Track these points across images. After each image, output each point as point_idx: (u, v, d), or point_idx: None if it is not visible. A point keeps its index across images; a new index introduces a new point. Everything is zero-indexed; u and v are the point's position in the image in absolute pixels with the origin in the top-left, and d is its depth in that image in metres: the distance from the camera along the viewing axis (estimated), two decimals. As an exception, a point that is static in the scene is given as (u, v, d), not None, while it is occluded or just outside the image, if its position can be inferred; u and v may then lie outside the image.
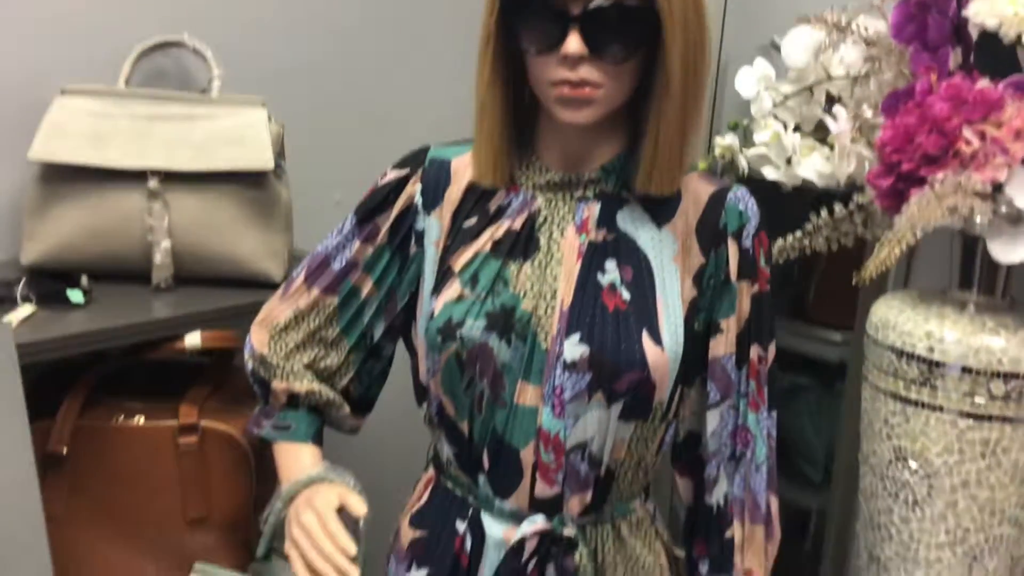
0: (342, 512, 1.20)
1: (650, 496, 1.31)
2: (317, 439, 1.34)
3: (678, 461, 1.29)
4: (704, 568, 1.27)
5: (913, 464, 1.45)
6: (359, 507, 1.19)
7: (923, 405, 1.42)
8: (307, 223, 1.65)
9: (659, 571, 1.27)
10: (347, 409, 1.34)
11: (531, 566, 1.19)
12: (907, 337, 1.43)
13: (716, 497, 1.25)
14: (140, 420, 1.39)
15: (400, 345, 1.35)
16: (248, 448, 1.43)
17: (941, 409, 1.41)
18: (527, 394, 1.17)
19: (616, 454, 1.20)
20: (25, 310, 1.32)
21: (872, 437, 1.51)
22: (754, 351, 1.22)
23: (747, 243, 1.20)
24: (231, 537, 1.44)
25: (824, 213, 1.51)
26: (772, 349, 1.24)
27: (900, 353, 1.43)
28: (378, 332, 1.31)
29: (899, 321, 1.45)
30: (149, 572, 1.42)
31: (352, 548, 1.16)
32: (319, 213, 1.66)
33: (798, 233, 1.55)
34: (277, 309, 1.33)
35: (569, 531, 1.19)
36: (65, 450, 1.35)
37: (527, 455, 1.18)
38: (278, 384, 1.31)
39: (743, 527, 1.24)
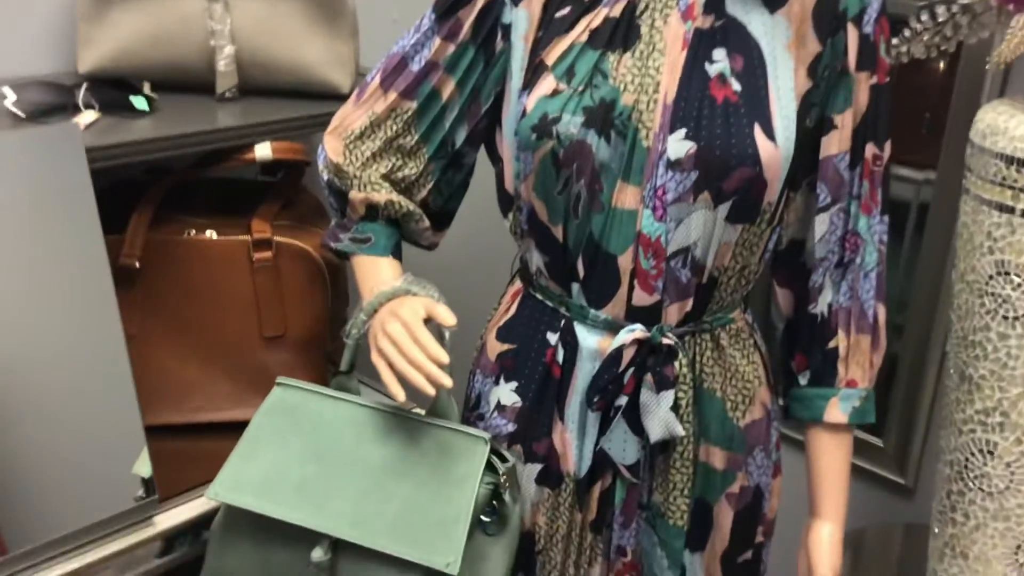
0: (428, 323, 1.14)
1: (748, 307, 1.24)
2: (397, 252, 1.27)
3: (779, 270, 1.22)
4: (804, 380, 1.21)
5: (1016, 278, 1.37)
6: (447, 317, 1.14)
7: (1032, 215, 1.34)
8: (362, 44, 1.55)
9: (757, 382, 1.21)
10: (427, 222, 1.27)
11: (628, 376, 1.14)
12: (1019, 143, 1.33)
13: (820, 307, 1.18)
14: (212, 235, 1.33)
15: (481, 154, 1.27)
16: (323, 264, 1.37)
17: (1051, 219, 1.32)
18: (626, 196, 1.09)
19: (720, 260, 1.12)
20: (89, 116, 1.24)
21: (971, 253, 1.43)
22: (869, 150, 1.13)
23: (868, 28, 1.10)
24: (307, 355, 1.40)
25: (925, 16, 1.40)
26: (888, 148, 1.15)
27: (1010, 160, 1.34)
28: (460, 139, 1.23)
29: (1009, 126, 1.35)
30: (225, 390, 1.39)
31: (445, 356, 1.10)
32: (375, 33, 1.56)
33: (894, 40, 1.44)
34: (351, 116, 1.24)
35: (668, 340, 1.14)
36: (138, 263, 1.30)
37: (625, 261, 1.11)
38: (356, 194, 1.24)
39: (848, 337, 1.18)
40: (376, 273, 1.24)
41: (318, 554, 1.15)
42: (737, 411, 1.19)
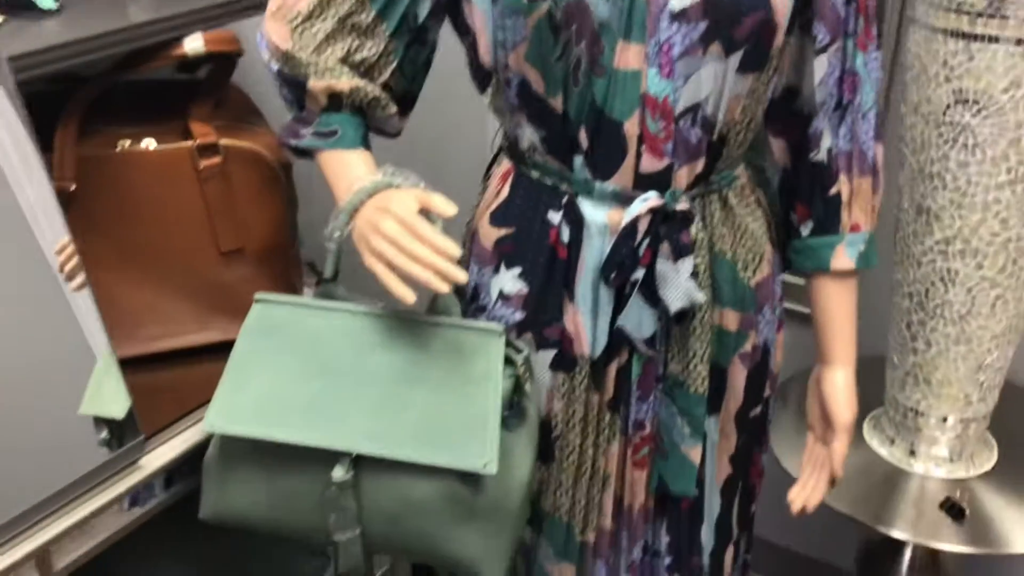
0: (424, 216, 1.06)
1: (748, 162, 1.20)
2: (367, 144, 1.17)
3: (773, 120, 1.17)
4: (806, 230, 1.19)
5: (976, 105, 1.38)
6: (446, 207, 1.05)
7: (990, 39, 1.34)
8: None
9: (764, 238, 1.18)
10: (393, 108, 1.17)
11: (643, 248, 1.09)
12: (975, -33, 1.32)
13: (820, 153, 1.15)
14: (150, 144, 1.19)
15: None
16: (277, 166, 1.25)
17: (1010, 41, 1.32)
18: (629, 56, 1.01)
19: (731, 115, 1.07)
20: (-7, 20, 1.07)
21: (925, 84, 1.42)
22: None
23: None
24: (270, 267, 1.28)
25: None
26: (880, -19, 1.11)
27: (967, -15, 1.33)
28: (423, 12, 1.12)
29: (963, -48, 1.33)
30: (184, 314, 1.27)
31: (456, 248, 1.02)
32: None
33: None
34: (293, -6, 1.11)
35: (683, 205, 1.08)
36: (73, 186, 1.14)
37: (631, 127, 1.05)
38: (316, 83, 1.12)
39: (850, 181, 1.15)
40: (349, 169, 1.13)
41: (339, 473, 1.07)
42: (748, 271, 1.16)
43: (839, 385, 1.21)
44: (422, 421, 1.07)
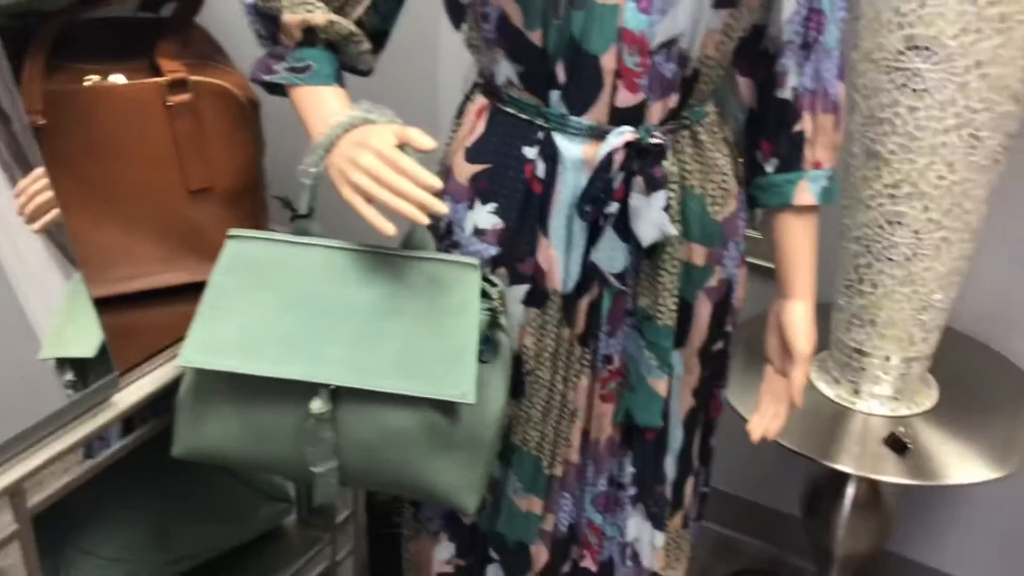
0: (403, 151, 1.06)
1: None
2: (340, 80, 1.16)
3: (740, 58, 1.20)
4: (771, 167, 1.22)
5: (927, 51, 1.42)
6: (425, 141, 1.05)
7: (941, -12, 1.38)
8: None
9: (731, 174, 1.21)
10: (367, 44, 1.17)
11: (618, 182, 1.11)
12: (930, -86, 1.35)
13: (786, 91, 1.18)
14: (119, 80, 1.17)
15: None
16: (247, 104, 1.24)
17: (961, -11, 1.37)
18: None
19: (705, 50, 1.09)
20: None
21: (878, 31, 1.46)
22: None
23: None
24: (240, 207, 1.27)
25: None
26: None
27: (920, -67, 1.37)
28: (398, -53, 1.12)
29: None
30: (153, 254, 1.25)
31: (437, 181, 1.03)
32: None
33: None
34: (266, -74, 1.10)
35: (657, 139, 1.11)
36: (42, 120, 1.12)
37: (607, 61, 1.06)
38: (290, 17, 1.11)
39: (813, 118, 1.19)
40: (323, 104, 1.13)
41: (318, 405, 1.08)
42: (715, 205, 1.18)
43: (799, 317, 1.24)
44: (401, 353, 1.09)
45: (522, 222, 1.15)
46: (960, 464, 1.61)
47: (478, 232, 1.17)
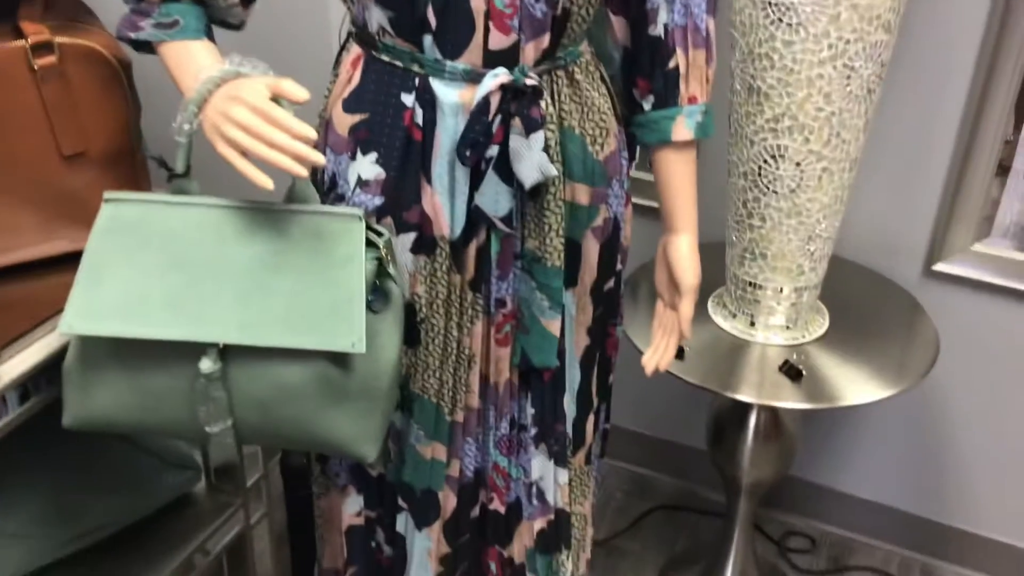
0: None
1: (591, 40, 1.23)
2: (210, 34, 1.14)
3: None
4: (648, 104, 1.23)
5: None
6: (298, 92, 1.04)
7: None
8: None
9: (610, 113, 1.22)
10: None
11: (496, 125, 1.11)
12: None
13: (658, 28, 1.19)
14: (-22, 46, 1.13)
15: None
16: (117, 65, 1.21)
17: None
18: None
19: None
20: None
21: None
22: None
23: None
24: (115, 171, 1.24)
25: None
26: None
27: None
28: None
29: None
30: (30, 223, 1.22)
31: (311, 132, 1.02)
32: None
33: None
34: None
35: (532, 80, 1.11)
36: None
37: (478, 3, 1.05)
38: (153, -29, 1.09)
39: (686, 54, 1.20)
40: (193, 59, 1.11)
41: (207, 365, 1.07)
42: (596, 145, 1.20)
43: (683, 250, 1.27)
44: (288, 307, 1.08)
45: (404, 170, 1.15)
46: (853, 386, 1.66)
47: (361, 183, 1.17)
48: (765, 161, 1.59)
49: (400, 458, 1.31)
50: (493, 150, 1.11)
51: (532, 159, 1.12)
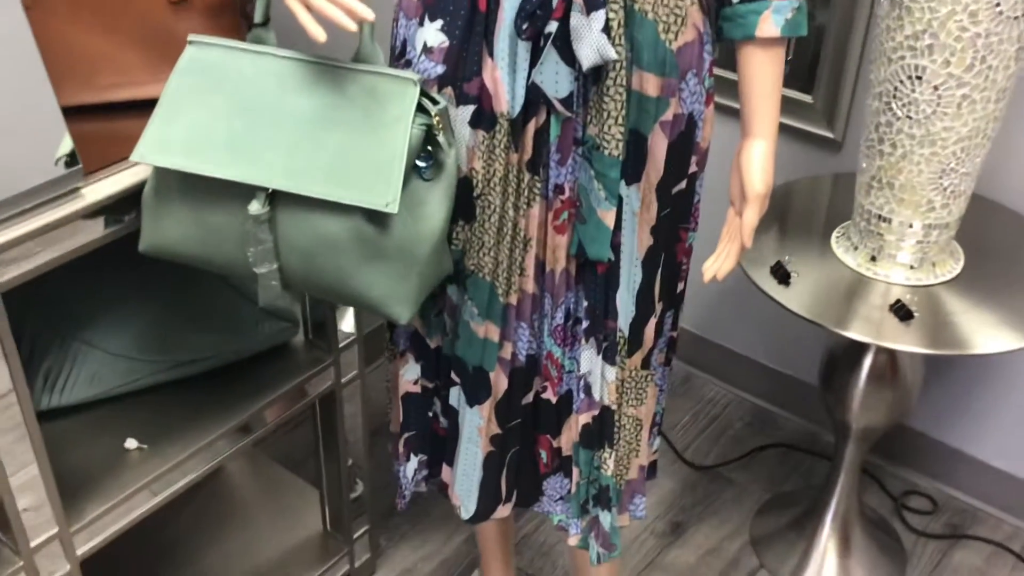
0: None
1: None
2: None
3: None
4: None
5: None
6: None
7: None
8: None
9: (688, 1, 1.15)
10: None
11: (556, 0, 1.09)
12: None
13: (751, -87, 1.13)
14: None
15: None
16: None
17: None
18: None
19: None
20: None
21: None
22: None
23: None
24: (220, 18, 1.31)
25: None
26: None
27: None
28: None
29: None
30: (137, 63, 1.31)
31: (365, -12, 1.04)
32: None
33: None
34: None
35: None
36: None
37: None
38: None
39: None
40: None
41: (255, 207, 1.13)
42: (669, 33, 1.15)
43: (755, 155, 1.21)
44: (335, 161, 1.12)
45: (468, 40, 1.15)
46: (984, 332, 1.55)
47: (427, 50, 1.18)
48: (901, 82, 1.48)
49: (455, 333, 1.34)
50: (552, 26, 1.09)
51: (591, 39, 1.09)
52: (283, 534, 1.94)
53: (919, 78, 1.45)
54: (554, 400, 1.37)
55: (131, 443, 1.47)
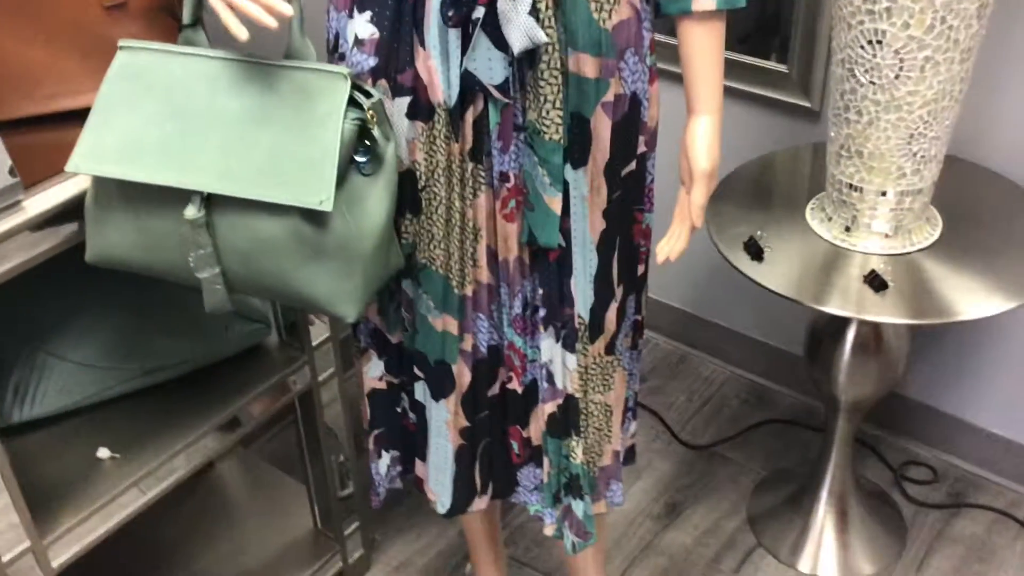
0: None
1: None
2: None
3: None
4: None
5: None
6: None
7: None
8: None
9: None
10: None
11: None
12: None
13: None
14: None
15: None
16: (153, -83, 1.25)
17: None
18: None
19: None
20: None
21: None
22: None
23: None
24: (158, 23, 1.30)
25: None
26: None
27: None
28: None
29: None
30: (77, 72, 1.30)
31: (280, -17, 1.03)
32: None
33: None
34: None
35: None
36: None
37: None
38: None
39: None
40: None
41: (191, 212, 1.12)
42: (603, 12, 1.12)
43: (699, 132, 1.18)
44: (268, 160, 1.10)
45: (398, 31, 1.13)
46: (965, 298, 1.51)
47: (358, 43, 1.16)
48: (862, 47, 1.44)
49: (413, 327, 1.32)
50: (479, 11, 1.07)
51: (519, 22, 1.07)
52: (275, 534, 1.94)
53: (879, 42, 1.42)
54: (520, 390, 1.35)
55: (103, 452, 1.47)
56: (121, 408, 1.54)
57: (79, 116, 1.30)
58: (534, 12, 1.06)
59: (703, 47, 1.16)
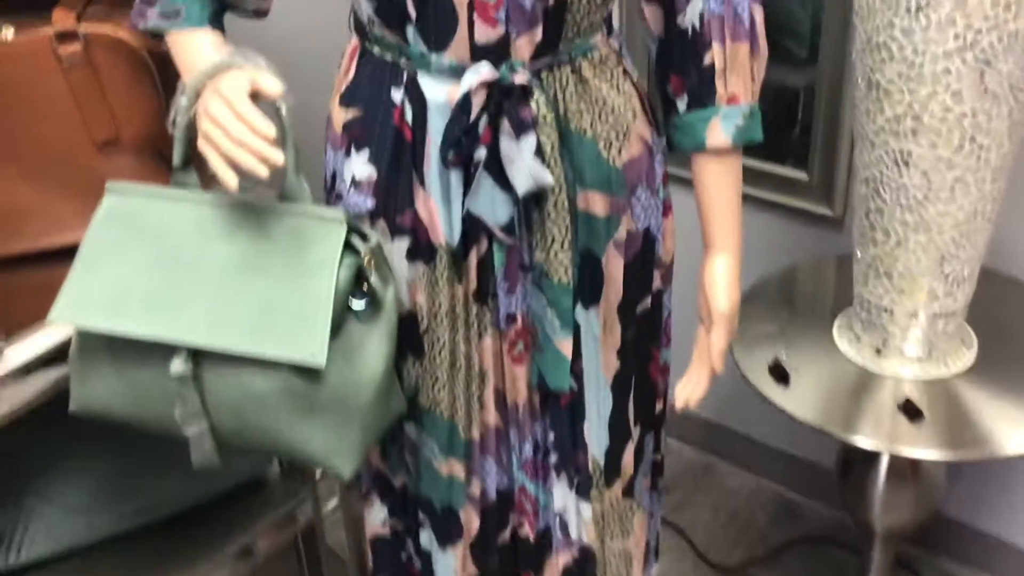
0: (258, 99, 1.01)
1: (614, 31, 1.10)
2: (216, 22, 1.11)
3: None
4: (683, 105, 1.08)
5: (916, -37, 1.23)
6: (273, 86, 0.99)
7: None
8: None
9: (631, 114, 1.08)
10: None
11: (483, 125, 1.01)
12: None
13: (690, 17, 1.04)
14: (9, 34, 1.17)
15: None
16: (145, 53, 1.21)
17: None
18: None
19: None
20: None
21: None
22: None
23: None
24: (147, 157, 1.26)
25: None
26: None
27: None
28: None
29: None
30: (66, 209, 1.25)
31: (270, 129, 0.97)
32: None
33: None
34: None
35: (520, 78, 1.00)
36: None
37: None
38: (157, -43, 1.07)
39: (724, 48, 1.04)
40: (194, 50, 1.08)
41: (177, 366, 1.05)
42: (612, 149, 1.07)
43: (718, 272, 1.12)
44: (260, 312, 1.04)
45: (396, 171, 1.08)
46: (1005, 429, 1.42)
47: (355, 183, 1.10)
48: (887, 167, 1.38)
49: (417, 472, 1.25)
50: (481, 152, 1.02)
51: (524, 165, 1.01)
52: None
53: (906, 163, 1.35)
54: (532, 537, 1.27)
55: (93, 600, 1.39)
56: (114, 548, 1.47)
57: (69, 254, 1.26)
58: (539, 152, 1.01)
59: (719, 183, 1.09)
